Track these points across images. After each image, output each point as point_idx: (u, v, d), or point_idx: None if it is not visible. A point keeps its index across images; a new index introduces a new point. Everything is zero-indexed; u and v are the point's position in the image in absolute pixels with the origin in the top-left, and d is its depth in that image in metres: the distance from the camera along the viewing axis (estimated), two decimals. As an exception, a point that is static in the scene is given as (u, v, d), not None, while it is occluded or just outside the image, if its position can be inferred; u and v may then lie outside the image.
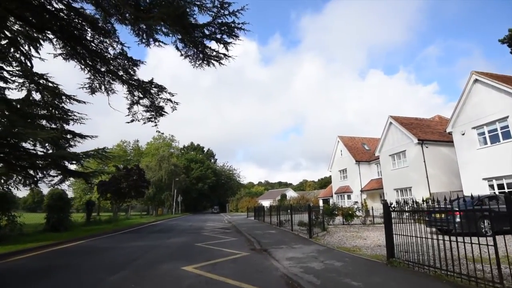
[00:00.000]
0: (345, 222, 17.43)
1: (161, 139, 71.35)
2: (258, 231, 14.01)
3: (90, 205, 17.28)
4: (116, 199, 32.10)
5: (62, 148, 15.57)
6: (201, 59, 13.27)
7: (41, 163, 14.77)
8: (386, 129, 25.81)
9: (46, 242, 9.20)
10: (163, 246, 9.16)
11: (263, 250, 8.41)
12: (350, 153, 31.75)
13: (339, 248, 8.49)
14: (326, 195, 39.69)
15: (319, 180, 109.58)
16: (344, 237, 11.28)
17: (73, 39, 12.07)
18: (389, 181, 25.20)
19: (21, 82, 16.17)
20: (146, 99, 13.18)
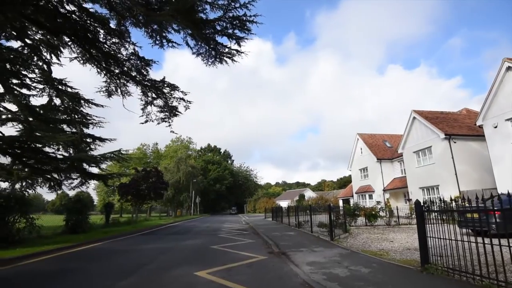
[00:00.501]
0: (368, 223, 16.55)
1: (179, 142, 72.51)
2: (276, 232, 13.50)
3: (109, 207, 17.47)
4: (136, 200, 32.71)
5: (83, 151, 15.83)
6: (213, 57, 12.98)
7: (61, 166, 15.08)
8: (410, 124, 24.51)
9: (62, 245, 9.17)
10: (177, 249, 8.87)
11: (282, 253, 7.90)
12: (370, 150, 30.51)
13: (364, 252, 7.83)
14: (346, 195, 38.46)
15: (338, 179, 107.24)
16: (368, 240, 10.54)
17: (87, 42, 12.13)
18: (414, 180, 23.89)
19: (41, 88, 16.66)
20: (160, 100, 13.06)
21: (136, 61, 12.17)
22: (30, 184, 15.87)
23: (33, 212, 11.10)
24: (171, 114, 12.93)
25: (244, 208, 64.62)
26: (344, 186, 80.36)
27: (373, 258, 6.89)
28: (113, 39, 11.79)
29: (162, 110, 13.08)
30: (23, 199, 9.33)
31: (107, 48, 12.21)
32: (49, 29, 12.13)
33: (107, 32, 11.47)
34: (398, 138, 33.39)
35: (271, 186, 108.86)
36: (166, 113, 13.03)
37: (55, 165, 15.15)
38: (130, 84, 13.74)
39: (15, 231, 9.08)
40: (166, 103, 12.69)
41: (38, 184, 15.97)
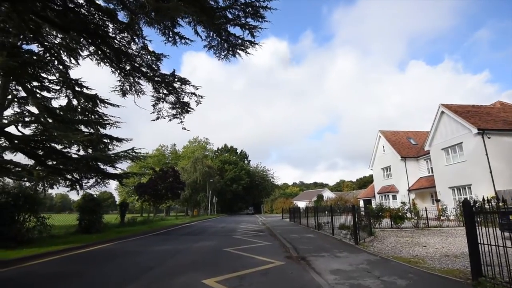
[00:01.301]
0: (393, 225, 15.34)
1: (196, 142, 73.11)
2: (294, 234, 12.68)
3: (124, 206, 17.32)
4: (153, 200, 32.90)
5: (101, 151, 15.77)
6: (226, 49, 12.41)
7: (76, 166, 15.04)
8: (437, 119, 22.86)
9: (72, 245, 8.86)
10: (188, 251, 8.29)
11: (301, 258, 7.11)
12: (394, 148, 28.88)
13: (396, 259, 6.88)
14: (368, 195, 36.82)
15: (358, 180, 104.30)
16: (397, 244, 9.51)
17: (97, 38, 11.87)
18: (443, 179, 22.22)
19: (58, 89, 16.81)
20: (172, 96, 12.63)
21: (146, 55, 11.79)
22: (51, 184, 16.06)
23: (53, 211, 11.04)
24: (183, 111, 12.47)
25: (261, 209, 63.90)
26: (364, 187, 77.75)
27: (408, 267, 5.95)
28: (122, 33, 11.45)
29: (174, 107, 12.65)
30: (33, 197, 9.10)
31: (117, 44, 11.92)
32: (59, 26, 11.98)
33: (115, 26, 11.15)
34: (423, 135, 31.50)
35: (288, 186, 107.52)
36: (178, 109, 12.58)
37: (71, 164, 15.20)
38: (142, 81, 13.44)
39: (25, 231, 8.87)
40: (178, 99, 12.23)
41: (60, 184, 16.18)
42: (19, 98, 16.27)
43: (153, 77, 12.12)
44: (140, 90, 14.56)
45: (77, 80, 16.24)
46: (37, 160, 14.72)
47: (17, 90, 15.66)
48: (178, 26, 12.10)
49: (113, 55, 12.69)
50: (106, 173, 16.20)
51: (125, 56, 11.81)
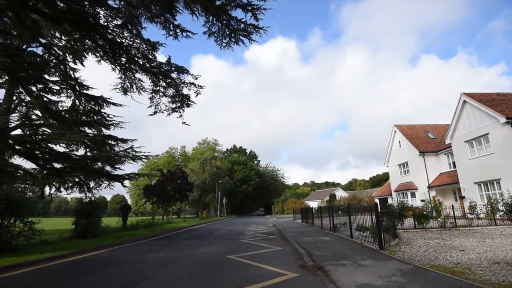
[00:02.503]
0: (417, 226, 13.93)
1: (205, 144, 72.61)
2: (307, 237, 11.48)
3: (126, 209, 16.45)
4: (161, 202, 32.21)
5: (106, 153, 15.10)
6: (227, 36, 11.36)
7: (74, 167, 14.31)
8: (459, 110, 21.18)
9: (60, 252, 7.97)
10: (187, 260, 7.24)
11: (318, 268, 5.95)
12: (411, 143, 27.19)
13: (434, 268, 5.64)
14: (383, 193, 35.08)
15: (371, 178, 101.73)
16: (429, 248, 8.21)
17: (90, 28, 11.04)
18: (467, 173, 20.52)
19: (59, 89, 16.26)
20: (171, 88, 11.69)
21: (141, 45, 10.86)
22: (57, 188, 15.46)
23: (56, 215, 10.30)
24: (183, 104, 11.49)
25: (272, 209, 62.63)
26: (378, 185, 75.41)
27: (456, 280, 4.71)
28: (114, 21, 10.57)
29: (173, 100, 11.69)
30: (17, 200, 8.24)
31: (111, 33, 11.05)
32: (51, 17, 11.21)
33: (107, 13, 10.27)
34: (442, 129, 29.68)
35: (299, 186, 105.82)
36: (178, 103, 11.61)
37: (69, 165, 14.51)
38: (141, 75, 12.59)
39: (9, 237, 8.03)
40: (177, 91, 11.26)
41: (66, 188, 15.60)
42: (27, 102, 15.86)
43: (150, 69, 11.20)
44: (141, 87, 13.75)
45: (77, 78, 15.65)
46: (35, 162, 14.11)
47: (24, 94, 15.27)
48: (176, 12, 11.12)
49: (108, 47, 11.87)
50: (107, 174, 15.44)
51: (119, 47, 10.93)
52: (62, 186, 15.76)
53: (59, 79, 15.40)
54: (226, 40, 11.57)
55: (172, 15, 11.28)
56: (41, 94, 15.48)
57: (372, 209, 8.86)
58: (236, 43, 11.61)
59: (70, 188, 15.66)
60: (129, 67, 12.14)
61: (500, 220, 14.80)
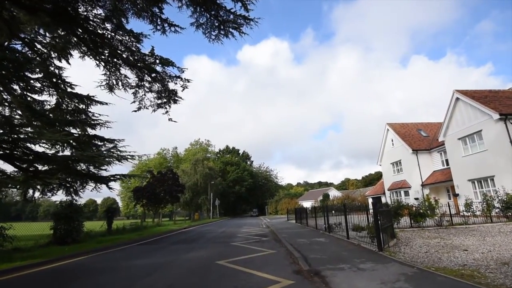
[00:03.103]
0: (414, 224, 13.59)
1: (198, 145, 71.69)
2: (302, 239, 10.98)
3: (111, 212, 15.62)
4: (151, 204, 31.29)
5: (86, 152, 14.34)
6: (216, 28, 10.80)
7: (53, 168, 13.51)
8: (451, 107, 21.07)
9: (31, 261, 7.26)
10: (171, 267, 6.62)
11: (314, 273, 5.43)
12: (404, 141, 27.05)
13: (440, 271, 5.18)
14: (377, 192, 34.95)
15: (363, 177, 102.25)
16: (430, 248, 7.79)
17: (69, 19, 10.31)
18: (461, 171, 20.40)
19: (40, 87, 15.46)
20: (157, 84, 11.03)
21: (124, 36, 10.18)
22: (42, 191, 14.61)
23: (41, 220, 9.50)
24: (170, 100, 10.85)
25: (266, 210, 62.08)
26: (370, 184, 75.68)
27: (467, 285, 4.25)
28: (94, 10, 9.88)
29: (159, 96, 11.03)
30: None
31: (92, 25, 10.33)
32: (25, 6, 10.45)
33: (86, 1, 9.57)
34: (434, 127, 29.68)
35: (292, 186, 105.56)
36: (164, 99, 10.97)
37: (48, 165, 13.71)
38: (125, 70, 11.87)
39: (-25, 245, 7.30)
40: (164, 86, 10.62)
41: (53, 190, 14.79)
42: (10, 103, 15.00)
43: (135, 63, 10.53)
44: (127, 84, 13.03)
45: (61, 75, 14.87)
46: (12, 163, 13.26)
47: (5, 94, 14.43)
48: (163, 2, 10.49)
49: (89, 40, 11.15)
50: (91, 176, 14.65)
51: (101, 39, 10.22)
52: (46, 188, 14.96)
53: (41, 77, 14.64)
54: (215, 33, 11.00)
55: (159, 9, 10.68)
56: (25, 93, 14.68)
57: (369, 208, 8.43)
58: (226, 35, 11.05)
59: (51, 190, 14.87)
60: (112, 61, 11.43)
61: (496, 217, 14.59)
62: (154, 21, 11.13)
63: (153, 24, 11.19)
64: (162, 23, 11.21)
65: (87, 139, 15.11)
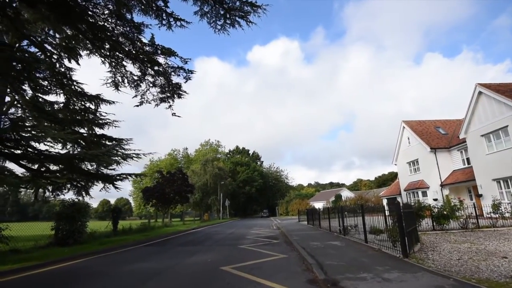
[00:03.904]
0: (436, 227, 12.58)
1: (208, 145, 71.61)
2: (315, 242, 10.19)
3: (116, 212, 15.21)
4: (161, 205, 31.06)
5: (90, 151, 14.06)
6: (222, 17, 10.19)
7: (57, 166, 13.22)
8: (474, 102, 19.78)
9: (26, 264, 6.82)
10: (172, 273, 6.00)
11: (332, 284, 4.68)
12: (421, 139, 25.75)
13: (483, 284, 4.34)
14: (392, 193, 33.59)
15: (376, 178, 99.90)
16: (462, 254, 6.88)
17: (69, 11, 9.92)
18: (485, 170, 19.08)
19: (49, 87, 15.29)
20: (161, 78, 10.52)
21: (125, 27, 9.70)
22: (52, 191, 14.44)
23: None
24: (174, 94, 10.31)
25: (276, 211, 61.22)
26: (384, 185, 73.63)
27: (527, 305, 3.42)
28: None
29: (163, 90, 10.51)
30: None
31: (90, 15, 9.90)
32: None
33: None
34: (453, 124, 28.24)
35: (303, 187, 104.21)
36: (168, 93, 10.43)
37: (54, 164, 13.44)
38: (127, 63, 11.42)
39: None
40: (167, 80, 10.08)
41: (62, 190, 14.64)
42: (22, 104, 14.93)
43: (137, 55, 10.04)
44: (133, 81, 12.62)
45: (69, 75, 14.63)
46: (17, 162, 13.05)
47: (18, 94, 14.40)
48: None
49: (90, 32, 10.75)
50: (96, 175, 14.30)
51: (102, 31, 9.77)
52: (56, 188, 14.76)
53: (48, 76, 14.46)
54: (220, 22, 10.42)
55: (164, 2, 10.17)
56: (36, 94, 14.54)
57: (391, 210, 7.60)
58: (232, 25, 10.44)
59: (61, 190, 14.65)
60: (114, 55, 10.99)
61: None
62: (159, 15, 10.67)
63: (158, 19, 10.74)
64: (167, 18, 10.74)
65: (95, 139, 14.85)
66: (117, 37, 9.69)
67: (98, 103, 14.71)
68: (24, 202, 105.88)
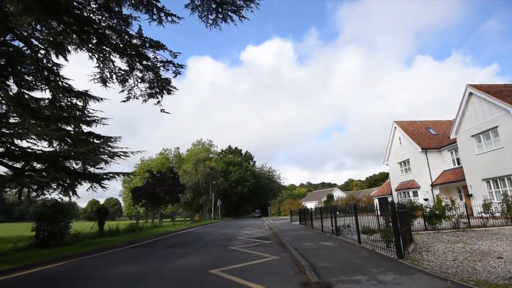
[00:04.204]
0: (428, 227, 12.55)
1: (200, 145, 70.93)
2: (308, 242, 9.98)
3: (102, 212, 14.65)
4: (151, 205, 30.44)
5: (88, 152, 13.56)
6: (214, 11, 9.89)
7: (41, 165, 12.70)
8: (464, 103, 19.95)
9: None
10: (155, 278, 5.67)
11: (326, 287, 4.45)
12: (412, 139, 25.93)
13: (482, 286, 4.18)
14: (383, 193, 33.80)
15: (367, 178, 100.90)
16: (456, 254, 6.76)
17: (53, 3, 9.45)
18: (475, 170, 19.26)
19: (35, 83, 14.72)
20: (150, 73, 10.13)
21: (112, 20, 9.28)
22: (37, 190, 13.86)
23: None
24: (163, 90, 9.94)
25: (268, 211, 61.05)
26: (375, 185, 74.34)
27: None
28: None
29: (152, 86, 10.13)
30: None
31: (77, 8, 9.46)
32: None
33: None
34: (444, 125, 28.55)
35: (295, 187, 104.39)
36: (157, 88, 10.06)
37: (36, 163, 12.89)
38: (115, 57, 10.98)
39: None
40: (156, 74, 9.71)
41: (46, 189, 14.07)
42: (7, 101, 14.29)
43: (125, 48, 9.63)
44: (121, 77, 12.16)
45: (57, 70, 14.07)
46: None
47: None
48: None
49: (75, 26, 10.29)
50: (81, 174, 13.79)
51: (87, 23, 9.33)
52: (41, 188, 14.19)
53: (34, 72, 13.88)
54: (212, 17, 10.11)
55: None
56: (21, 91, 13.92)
57: (383, 209, 7.44)
58: (224, 20, 10.15)
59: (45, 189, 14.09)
60: (101, 48, 10.55)
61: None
62: (150, 10, 10.30)
63: (149, 14, 10.36)
64: (158, 12, 10.38)
65: (82, 137, 14.34)
66: (104, 30, 9.26)
67: (87, 100, 14.22)
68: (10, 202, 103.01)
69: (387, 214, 7.59)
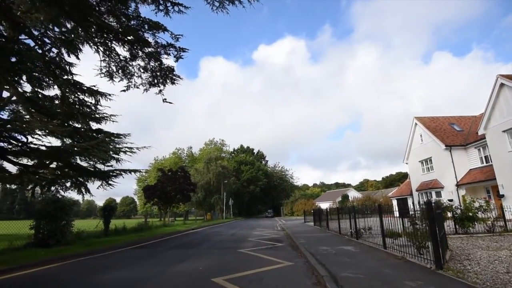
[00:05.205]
0: (460, 230, 11.29)
1: (212, 144, 70.70)
2: (324, 246, 9.00)
3: (107, 211, 14.13)
4: (162, 203, 30.17)
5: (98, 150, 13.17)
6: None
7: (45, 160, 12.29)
8: (494, 95, 18.34)
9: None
10: (151, 285, 4.88)
11: (353, 307, 3.51)
12: (435, 136, 24.27)
13: None
14: (402, 193, 32.09)
15: (383, 178, 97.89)
16: (508, 265, 5.63)
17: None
18: (507, 168, 17.62)
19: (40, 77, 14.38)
20: (152, 61, 9.44)
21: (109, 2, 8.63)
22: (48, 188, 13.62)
23: None
24: (167, 79, 9.22)
25: (281, 211, 59.95)
26: (391, 185, 71.74)
27: None
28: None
29: (154, 75, 9.43)
30: None
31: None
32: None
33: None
34: (469, 120, 26.69)
35: (308, 187, 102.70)
36: (160, 78, 9.36)
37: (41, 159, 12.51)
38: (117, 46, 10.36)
39: None
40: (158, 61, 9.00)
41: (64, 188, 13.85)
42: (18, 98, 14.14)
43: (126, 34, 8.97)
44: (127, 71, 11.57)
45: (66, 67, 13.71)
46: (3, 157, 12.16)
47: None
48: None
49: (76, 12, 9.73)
50: (87, 170, 13.34)
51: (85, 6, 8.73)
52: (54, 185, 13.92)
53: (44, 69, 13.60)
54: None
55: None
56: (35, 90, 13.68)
57: (409, 211, 6.41)
58: (232, 2, 9.34)
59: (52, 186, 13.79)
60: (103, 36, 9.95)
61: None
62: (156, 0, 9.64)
63: (155, 4, 9.71)
64: (164, 2, 9.71)
65: (90, 133, 13.95)
66: (102, 15, 8.62)
67: (98, 99, 13.77)
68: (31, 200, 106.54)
69: (418, 215, 6.55)
